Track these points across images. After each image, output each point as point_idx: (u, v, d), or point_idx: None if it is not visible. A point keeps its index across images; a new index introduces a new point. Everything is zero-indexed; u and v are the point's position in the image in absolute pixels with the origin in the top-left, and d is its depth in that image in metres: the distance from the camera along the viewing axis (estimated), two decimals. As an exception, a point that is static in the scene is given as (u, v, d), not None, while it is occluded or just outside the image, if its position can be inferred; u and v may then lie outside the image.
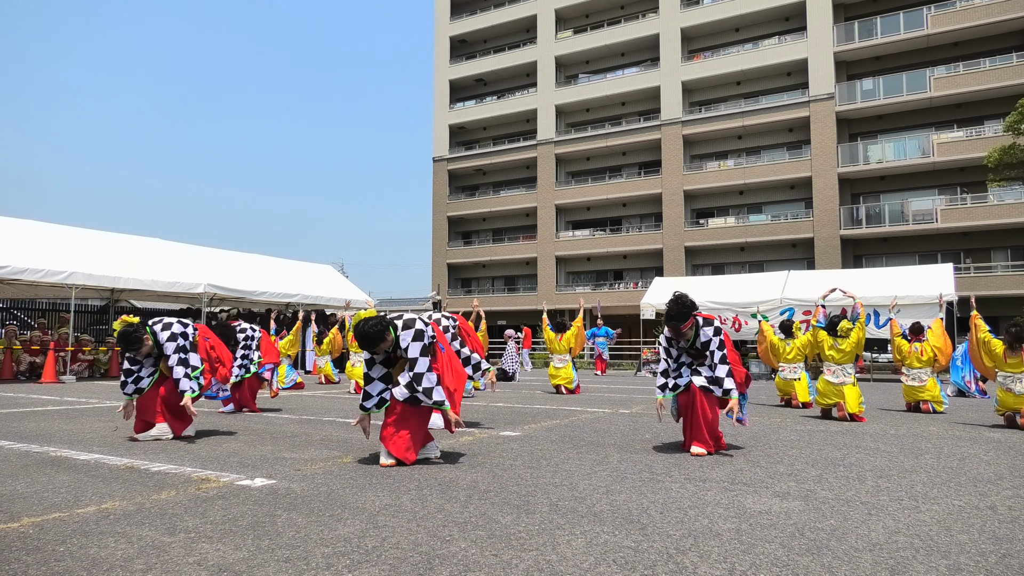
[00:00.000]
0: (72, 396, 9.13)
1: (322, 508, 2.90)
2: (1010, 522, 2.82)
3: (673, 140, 33.20)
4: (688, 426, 4.73)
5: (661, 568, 2.17)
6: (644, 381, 14.80)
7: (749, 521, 2.76)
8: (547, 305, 15.55)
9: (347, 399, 9.23)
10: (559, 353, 10.78)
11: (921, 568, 2.20)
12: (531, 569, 2.14)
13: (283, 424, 6.14)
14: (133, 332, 4.94)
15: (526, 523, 2.69)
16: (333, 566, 2.15)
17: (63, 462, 3.99)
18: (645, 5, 35.48)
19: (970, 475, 3.90)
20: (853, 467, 4.09)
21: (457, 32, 39.90)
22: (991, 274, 26.65)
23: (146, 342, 4.97)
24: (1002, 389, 6.55)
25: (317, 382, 13.18)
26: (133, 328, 4.96)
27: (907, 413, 7.98)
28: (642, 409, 7.91)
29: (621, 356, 25.64)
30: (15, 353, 13.32)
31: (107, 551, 2.29)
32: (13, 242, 12.55)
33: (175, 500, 3.03)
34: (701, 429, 4.58)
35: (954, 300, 15.24)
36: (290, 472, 3.74)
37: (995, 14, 27.10)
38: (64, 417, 6.48)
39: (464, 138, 40.74)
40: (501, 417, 6.87)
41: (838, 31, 30.43)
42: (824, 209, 29.44)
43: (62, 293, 15.81)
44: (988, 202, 26.76)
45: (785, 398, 8.93)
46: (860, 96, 29.85)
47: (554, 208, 36.07)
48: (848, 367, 7.02)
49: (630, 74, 35.46)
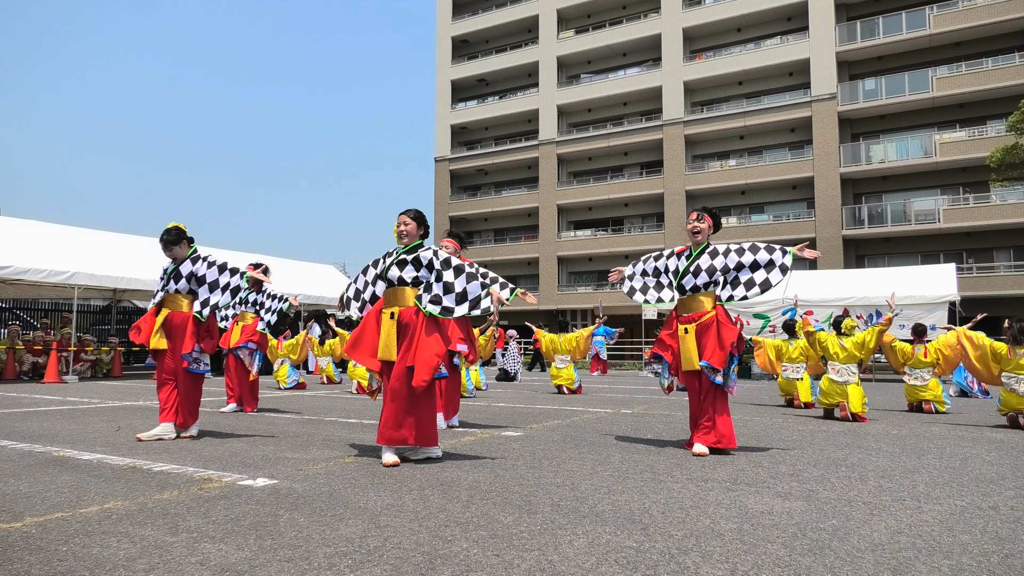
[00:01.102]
0: (74, 396, 9.14)
1: (324, 508, 2.91)
2: (1013, 522, 2.82)
3: (675, 140, 33.19)
4: (695, 418, 4.74)
5: (663, 568, 2.16)
6: (646, 381, 14.79)
7: (751, 521, 2.76)
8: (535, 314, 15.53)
9: (349, 399, 9.24)
10: (561, 353, 10.79)
11: (923, 568, 2.20)
12: (533, 569, 2.14)
13: (285, 424, 6.15)
14: (177, 231, 5.14)
15: (528, 523, 2.69)
16: (335, 566, 2.15)
17: (66, 462, 4.00)
18: (647, 5, 35.47)
19: (973, 475, 3.89)
20: (855, 467, 4.09)
21: (459, 32, 39.91)
22: (994, 274, 26.61)
23: (182, 247, 5.16)
24: (1006, 389, 6.54)
25: (319, 382, 13.20)
26: (180, 232, 5.17)
27: (909, 413, 7.97)
28: (644, 409, 7.91)
29: (622, 356, 25.64)
30: (18, 353, 13.35)
31: (110, 551, 2.29)
32: (16, 242, 12.58)
33: (177, 500, 3.03)
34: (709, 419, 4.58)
35: (956, 300, 15.22)
36: (292, 472, 3.74)
37: (997, 14, 27.06)
38: (67, 417, 6.49)
39: (466, 138, 40.75)
40: (503, 417, 6.87)
41: (840, 31, 30.40)
42: (826, 209, 29.42)
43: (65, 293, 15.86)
44: (991, 202, 26.72)
45: (787, 398, 8.93)
46: (862, 96, 29.82)
47: (556, 208, 36.08)
48: (852, 366, 7.01)
49: (632, 74, 35.46)
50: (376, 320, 4.28)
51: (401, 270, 4.23)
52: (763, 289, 4.72)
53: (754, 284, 4.75)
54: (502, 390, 11.52)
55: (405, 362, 4.06)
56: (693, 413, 4.80)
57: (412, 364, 4.02)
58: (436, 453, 4.22)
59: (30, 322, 17.74)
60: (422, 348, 4.03)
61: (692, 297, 4.80)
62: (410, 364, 4.03)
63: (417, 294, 4.21)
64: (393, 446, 4.04)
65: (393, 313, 4.18)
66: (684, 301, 4.85)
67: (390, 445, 4.03)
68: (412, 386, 4.01)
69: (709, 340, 4.65)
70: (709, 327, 4.68)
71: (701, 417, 4.67)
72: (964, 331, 7.13)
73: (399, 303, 4.20)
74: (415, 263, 4.23)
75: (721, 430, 4.58)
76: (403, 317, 4.17)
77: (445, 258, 4.26)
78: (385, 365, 4.20)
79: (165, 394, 5.10)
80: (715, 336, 4.63)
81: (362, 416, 6.89)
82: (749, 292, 4.75)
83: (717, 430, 4.59)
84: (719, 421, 4.60)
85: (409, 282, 4.22)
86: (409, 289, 4.22)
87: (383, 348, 4.16)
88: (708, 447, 4.56)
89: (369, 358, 4.22)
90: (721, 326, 4.66)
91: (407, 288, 4.22)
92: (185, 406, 5.12)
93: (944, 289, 15.42)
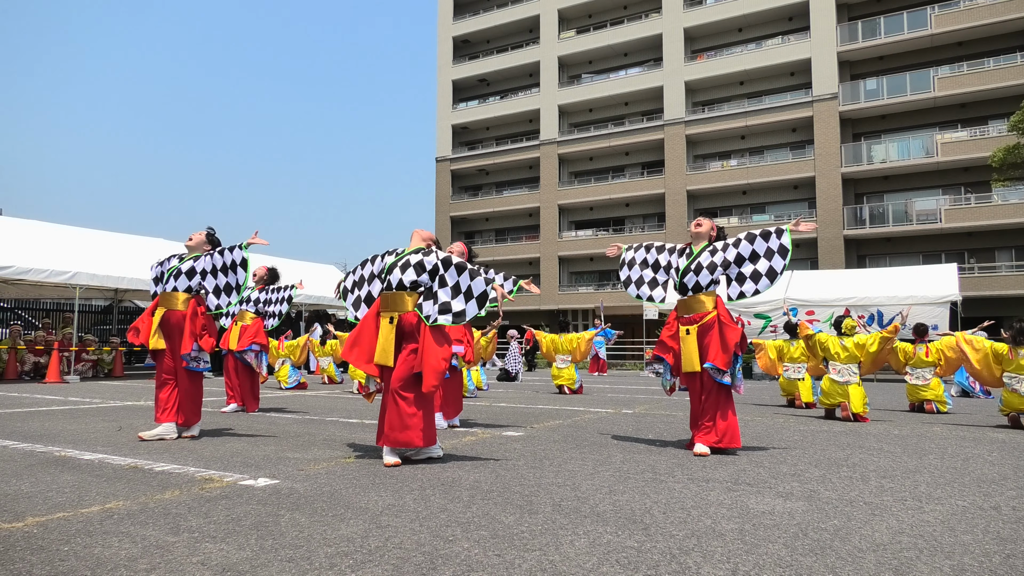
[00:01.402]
0: (76, 396, 9.15)
1: (325, 508, 2.91)
2: (1014, 522, 2.82)
3: (676, 140, 33.18)
4: (695, 418, 4.74)
5: (664, 568, 2.16)
6: (647, 381, 14.78)
7: (752, 521, 2.75)
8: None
9: (350, 399, 9.24)
10: (562, 353, 10.79)
11: (925, 568, 2.20)
12: (534, 569, 2.14)
13: (286, 424, 6.15)
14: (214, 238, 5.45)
15: (529, 523, 2.69)
16: (336, 566, 2.15)
17: (67, 462, 4.00)
18: (648, 5, 35.45)
19: (974, 475, 3.89)
20: (857, 467, 4.08)
21: (460, 32, 39.91)
22: (995, 274, 26.57)
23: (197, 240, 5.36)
24: (1007, 390, 6.53)
25: (320, 382, 13.20)
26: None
27: (911, 413, 7.97)
28: (645, 409, 7.91)
29: (623, 356, 25.63)
30: (19, 353, 13.36)
31: (111, 551, 2.29)
32: (17, 242, 12.59)
33: (179, 500, 3.04)
34: (710, 418, 4.58)
35: (958, 300, 15.21)
36: (293, 472, 3.74)
37: (999, 14, 27.02)
38: (68, 417, 6.50)
39: (467, 138, 40.75)
40: (504, 417, 6.87)
41: (841, 31, 30.38)
42: (827, 209, 29.38)
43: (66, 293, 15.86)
44: (992, 202, 26.68)
45: (789, 398, 8.92)
46: (864, 96, 29.78)
47: (557, 208, 36.07)
48: (853, 367, 7.01)
49: (633, 74, 35.44)
50: (374, 324, 4.25)
51: (403, 273, 4.20)
52: (771, 279, 4.64)
53: (760, 276, 4.68)
54: (503, 390, 11.52)
55: (410, 366, 4.06)
56: (694, 413, 4.80)
57: (420, 370, 4.02)
58: (437, 452, 4.22)
59: (32, 322, 17.76)
60: (429, 354, 4.02)
61: (693, 298, 4.79)
62: (418, 370, 4.03)
63: (417, 302, 4.17)
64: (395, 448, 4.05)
65: (393, 318, 4.15)
66: (685, 302, 4.83)
67: (392, 447, 4.04)
68: (419, 390, 4.02)
69: (712, 341, 4.63)
70: (711, 328, 4.66)
71: (702, 417, 4.67)
72: (963, 335, 7.12)
73: (399, 308, 4.17)
74: (418, 267, 4.19)
75: (724, 429, 4.57)
76: (404, 324, 4.15)
77: (445, 256, 4.25)
78: (382, 369, 4.20)
79: (165, 394, 5.09)
80: (718, 337, 4.61)
81: (363, 416, 6.89)
82: (759, 285, 4.67)
83: (719, 429, 4.57)
84: (722, 420, 4.59)
85: (408, 286, 4.19)
86: (408, 295, 4.19)
87: (380, 353, 4.13)
88: (709, 447, 4.55)
89: (366, 363, 4.19)
90: (724, 327, 4.64)
91: (406, 293, 4.20)
92: (186, 405, 5.12)
93: (946, 289, 15.40)
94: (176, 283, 5.19)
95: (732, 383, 4.62)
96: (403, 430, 4.00)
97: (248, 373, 7.29)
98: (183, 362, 5.10)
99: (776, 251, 4.66)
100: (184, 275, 5.19)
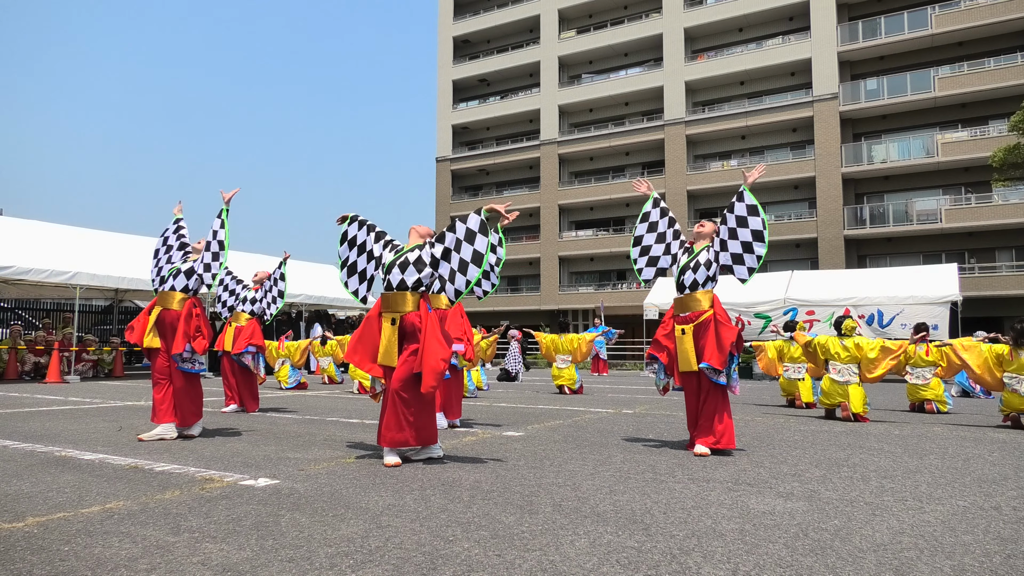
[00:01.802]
0: (76, 396, 9.15)
1: (325, 508, 2.91)
2: (1015, 523, 2.81)
3: (676, 140, 33.17)
4: (692, 418, 4.74)
5: (664, 568, 2.16)
6: (647, 381, 14.78)
7: (753, 521, 2.75)
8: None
9: (350, 399, 9.24)
10: (562, 353, 10.79)
11: (925, 569, 2.19)
12: (534, 569, 2.14)
13: (286, 424, 6.15)
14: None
15: (529, 523, 2.68)
16: (336, 566, 2.15)
17: (67, 462, 4.00)
18: (648, 5, 35.44)
19: (975, 475, 3.89)
20: (857, 467, 4.08)
21: (460, 32, 39.91)
22: (995, 274, 26.55)
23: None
24: (1007, 390, 6.53)
25: (320, 382, 13.20)
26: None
27: (911, 413, 7.96)
28: (646, 410, 7.91)
29: (623, 356, 25.62)
30: (20, 353, 13.36)
31: (111, 551, 2.29)
32: (18, 242, 12.59)
33: (179, 500, 3.04)
34: (707, 419, 4.58)
35: (958, 300, 15.20)
36: (293, 472, 3.74)
37: (1000, 14, 27.01)
38: (68, 417, 6.50)
39: (467, 138, 40.75)
40: (504, 417, 6.87)
41: (842, 31, 30.37)
42: (828, 209, 29.38)
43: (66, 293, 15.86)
44: (993, 202, 26.67)
45: (789, 398, 8.92)
46: (864, 96, 29.77)
47: (557, 208, 36.06)
48: (853, 367, 7.01)
49: (633, 74, 35.43)
50: (376, 325, 4.27)
51: (403, 272, 4.22)
52: (760, 240, 4.59)
53: (750, 244, 4.64)
54: (503, 390, 11.52)
55: (410, 367, 4.07)
56: (691, 414, 4.80)
57: (419, 371, 4.03)
58: (437, 452, 4.22)
59: (32, 322, 17.75)
60: (429, 355, 4.03)
61: (690, 296, 4.79)
62: (417, 371, 4.04)
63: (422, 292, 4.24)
64: (395, 448, 4.05)
65: (394, 319, 4.17)
66: (681, 300, 4.83)
67: (392, 447, 4.04)
68: (419, 391, 4.03)
69: (708, 341, 4.63)
70: (707, 327, 4.66)
71: (700, 417, 4.67)
72: (960, 343, 7.12)
73: (400, 309, 4.19)
74: (417, 264, 4.23)
75: (720, 430, 4.57)
76: (405, 324, 4.16)
77: (439, 235, 4.38)
78: (385, 369, 4.21)
79: (160, 393, 5.06)
80: (714, 336, 4.61)
81: (363, 416, 6.89)
82: (756, 252, 4.62)
83: (716, 430, 4.57)
84: (719, 421, 4.59)
85: (410, 286, 4.21)
86: (410, 294, 4.20)
87: (383, 354, 4.16)
88: (709, 447, 4.55)
89: (369, 363, 4.22)
90: (720, 326, 4.64)
91: (408, 293, 4.21)
92: (183, 405, 5.09)
93: (946, 289, 15.39)
94: (175, 283, 5.19)
95: (728, 383, 4.63)
96: (402, 430, 4.01)
97: (245, 374, 7.29)
98: (175, 363, 5.09)
99: (748, 214, 4.64)
100: (183, 274, 5.20)
